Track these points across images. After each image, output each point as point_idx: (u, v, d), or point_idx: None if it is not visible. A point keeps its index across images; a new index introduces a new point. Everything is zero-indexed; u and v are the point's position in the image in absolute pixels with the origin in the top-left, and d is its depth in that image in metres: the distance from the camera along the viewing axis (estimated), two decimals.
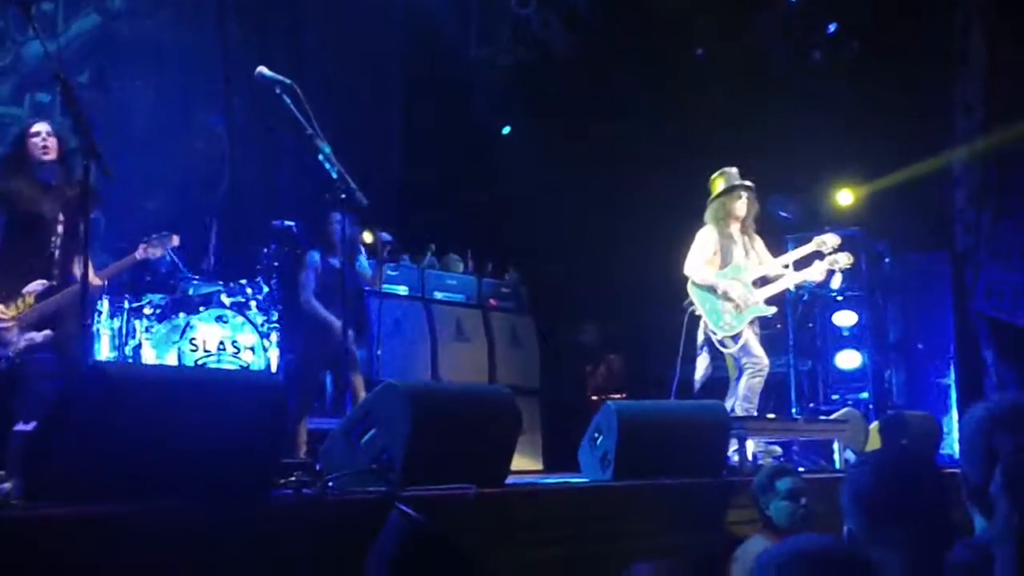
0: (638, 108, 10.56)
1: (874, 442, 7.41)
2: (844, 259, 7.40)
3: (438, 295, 9.37)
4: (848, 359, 9.96)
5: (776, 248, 7.72)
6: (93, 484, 3.46)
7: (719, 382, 7.33)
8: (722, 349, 7.09)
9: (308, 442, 7.28)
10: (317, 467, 4.56)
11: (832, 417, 7.76)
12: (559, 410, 9.70)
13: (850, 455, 7.04)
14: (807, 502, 5.18)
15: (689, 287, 7.20)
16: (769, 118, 10.05)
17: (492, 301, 9.78)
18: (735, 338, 7.04)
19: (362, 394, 7.21)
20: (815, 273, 7.39)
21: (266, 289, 8.12)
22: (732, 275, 7.18)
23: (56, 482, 3.56)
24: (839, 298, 10.00)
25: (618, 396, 9.77)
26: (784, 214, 10.14)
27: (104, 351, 7.57)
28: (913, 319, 10.37)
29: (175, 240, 6.24)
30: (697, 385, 7.14)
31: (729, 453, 6.25)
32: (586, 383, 11.01)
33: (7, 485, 3.92)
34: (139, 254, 6.08)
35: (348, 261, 7.21)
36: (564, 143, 10.80)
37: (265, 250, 8.20)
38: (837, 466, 7.06)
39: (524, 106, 11.24)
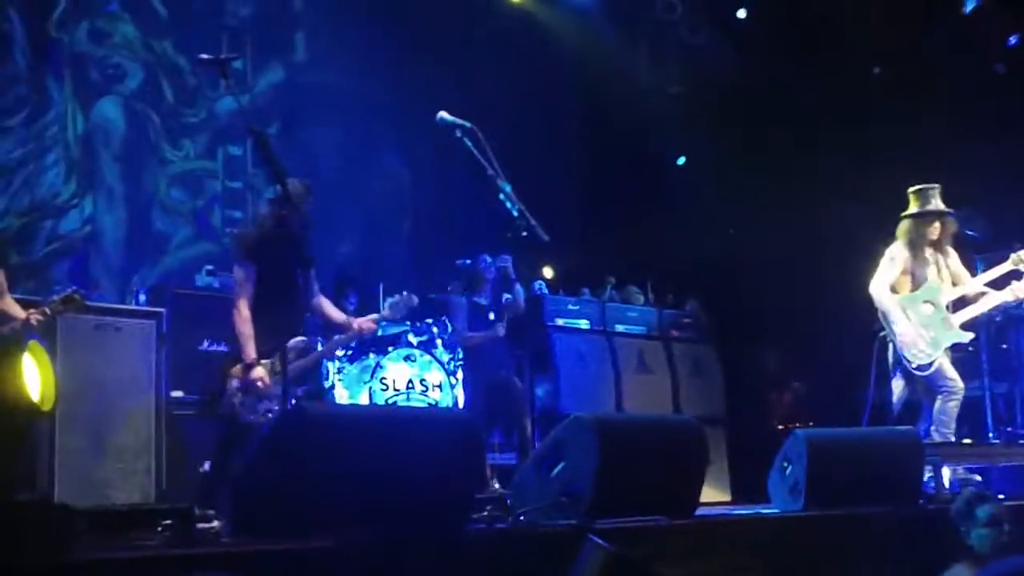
0: (814, 130, 10.36)
1: None
2: None
3: (619, 327, 9.40)
4: None
5: (966, 268, 7.42)
6: (295, 520, 3.62)
7: (915, 404, 7.10)
8: (916, 373, 6.88)
9: (495, 476, 7.41)
10: (508, 501, 4.65)
11: None
12: (745, 439, 9.56)
13: None
14: (1010, 529, 5.00)
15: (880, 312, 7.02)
16: (953, 133, 9.70)
17: (674, 332, 9.75)
18: (928, 364, 6.84)
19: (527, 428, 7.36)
20: (1017, 293, 7.04)
21: (451, 327, 8.32)
22: (925, 297, 6.96)
23: (261, 519, 3.75)
24: None
25: (805, 424, 9.57)
26: (971, 232, 9.74)
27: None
28: None
29: (413, 300, 6.12)
30: (896, 408, 6.94)
31: (925, 480, 6.07)
32: (770, 411, 10.83)
33: (217, 523, 4.13)
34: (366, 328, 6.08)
35: (497, 299, 7.60)
36: (738, 169, 10.69)
37: (449, 288, 8.41)
38: None
39: (697, 133, 11.19)
